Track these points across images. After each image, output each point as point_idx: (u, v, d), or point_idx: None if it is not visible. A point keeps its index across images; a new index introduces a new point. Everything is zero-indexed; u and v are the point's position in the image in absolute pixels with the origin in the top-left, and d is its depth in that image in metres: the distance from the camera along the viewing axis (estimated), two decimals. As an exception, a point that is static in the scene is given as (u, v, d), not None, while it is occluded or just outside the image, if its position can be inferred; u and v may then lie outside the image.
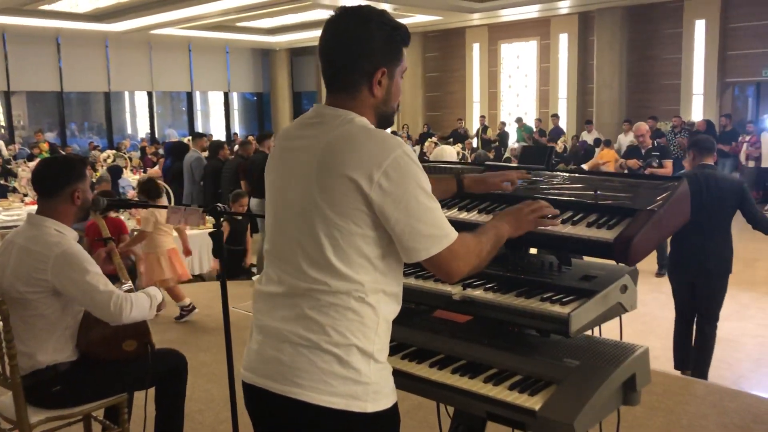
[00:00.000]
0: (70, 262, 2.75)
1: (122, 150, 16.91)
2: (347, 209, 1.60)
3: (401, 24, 1.73)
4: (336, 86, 1.73)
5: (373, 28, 1.67)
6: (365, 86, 1.70)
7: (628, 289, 2.06)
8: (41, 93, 19.46)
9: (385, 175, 1.57)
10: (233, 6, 14.69)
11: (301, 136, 1.73)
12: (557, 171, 2.42)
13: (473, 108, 19.00)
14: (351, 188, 1.58)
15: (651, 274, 7.97)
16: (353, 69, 1.69)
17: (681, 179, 2.11)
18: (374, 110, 1.73)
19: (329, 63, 1.72)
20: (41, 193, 2.91)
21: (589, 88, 16.70)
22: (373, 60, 1.68)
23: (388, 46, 1.70)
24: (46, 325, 2.82)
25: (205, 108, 23.84)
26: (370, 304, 1.64)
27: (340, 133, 1.64)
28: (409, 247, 1.62)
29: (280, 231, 1.73)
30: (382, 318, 1.68)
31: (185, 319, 5.70)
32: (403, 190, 1.58)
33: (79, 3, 14.78)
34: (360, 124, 1.67)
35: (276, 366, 1.66)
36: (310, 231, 1.64)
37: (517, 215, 1.91)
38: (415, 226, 1.60)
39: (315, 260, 1.63)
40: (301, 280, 1.65)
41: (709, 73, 14.97)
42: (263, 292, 1.75)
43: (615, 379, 1.90)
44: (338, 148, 1.62)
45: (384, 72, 1.70)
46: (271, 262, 1.75)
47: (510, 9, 15.77)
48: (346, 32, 1.68)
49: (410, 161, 1.61)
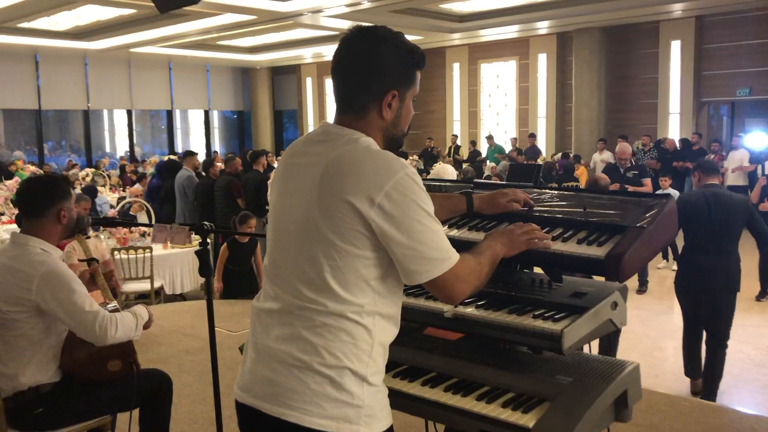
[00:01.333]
0: (55, 282, 2.71)
1: (101, 168, 16.76)
2: (346, 230, 1.58)
3: (416, 47, 1.71)
4: (345, 106, 1.71)
5: (387, 49, 1.66)
6: (375, 108, 1.69)
7: (618, 306, 2.07)
8: (18, 111, 19.25)
9: (387, 197, 1.56)
10: (214, 25, 14.69)
11: (306, 152, 1.72)
12: (546, 188, 2.44)
13: (453, 127, 19.12)
14: (350, 211, 1.57)
15: (632, 291, 8.04)
16: (363, 90, 1.68)
17: (669, 196, 2.14)
18: (382, 132, 1.72)
19: (340, 82, 1.71)
20: (26, 212, 2.87)
21: (568, 107, 16.89)
22: (384, 82, 1.67)
23: (401, 69, 1.69)
24: (29, 345, 2.77)
25: (185, 126, 23.72)
26: (365, 326, 1.63)
27: (342, 152, 1.63)
28: (411, 269, 1.61)
29: (279, 248, 1.71)
30: (377, 341, 1.66)
31: None
32: (405, 212, 1.57)
33: (58, 21, 14.68)
34: (364, 145, 1.65)
35: (268, 386, 1.64)
36: (308, 250, 1.62)
37: (511, 236, 1.91)
38: (417, 248, 1.59)
39: (311, 280, 1.62)
40: (297, 298, 1.64)
41: (685, 93, 15.23)
42: (260, 309, 1.74)
43: (607, 396, 1.90)
44: (339, 169, 1.60)
45: (395, 95, 1.69)
46: (269, 279, 1.74)
47: (490, 29, 15.95)
48: (358, 52, 1.67)
49: (413, 183, 1.60)
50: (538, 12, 14.23)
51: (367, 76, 1.67)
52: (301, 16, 13.62)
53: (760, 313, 7.48)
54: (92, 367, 2.87)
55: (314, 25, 15.05)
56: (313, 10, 13.25)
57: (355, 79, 1.69)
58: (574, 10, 13.74)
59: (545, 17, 14.68)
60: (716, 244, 4.78)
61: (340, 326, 1.61)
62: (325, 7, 13.03)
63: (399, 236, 1.57)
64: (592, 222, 2.12)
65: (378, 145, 1.70)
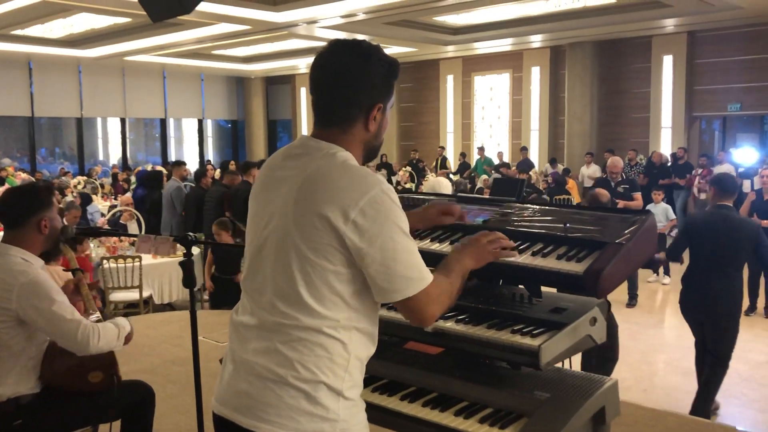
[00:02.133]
0: (36, 291, 2.70)
1: (93, 176, 16.73)
2: (320, 245, 1.58)
3: (394, 59, 1.73)
4: (329, 119, 1.70)
5: (374, 63, 1.67)
6: (361, 121, 1.69)
7: (597, 321, 2.08)
8: (11, 117, 19.20)
9: (361, 213, 1.55)
10: (209, 34, 14.72)
11: (284, 166, 1.72)
12: (527, 204, 2.45)
13: (447, 138, 19.17)
14: (325, 225, 1.57)
15: (621, 305, 8.05)
16: (351, 103, 1.68)
17: (649, 213, 2.15)
18: (364, 144, 1.72)
19: (325, 95, 1.70)
20: (6, 223, 2.85)
21: (561, 120, 16.97)
22: (372, 95, 1.68)
23: (385, 81, 1.70)
24: (9, 356, 2.75)
25: (178, 135, 23.70)
26: (341, 340, 1.62)
27: (318, 166, 1.63)
28: (384, 287, 1.59)
29: (255, 262, 1.71)
30: (354, 356, 1.65)
31: None
32: (379, 229, 1.56)
33: (52, 28, 14.68)
34: (341, 160, 1.64)
35: (244, 399, 1.64)
36: (283, 264, 1.62)
37: (477, 246, 1.87)
38: (391, 266, 1.57)
39: (286, 294, 1.62)
40: (272, 313, 1.63)
41: (677, 107, 15.32)
42: (238, 322, 1.74)
43: (585, 412, 1.90)
44: (315, 184, 1.60)
45: (380, 108, 1.70)
46: (247, 292, 1.73)
47: (483, 42, 16.04)
48: (347, 66, 1.67)
49: (389, 200, 1.59)
50: (532, 25, 14.32)
51: (356, 89, 1.67)
52: (296, 26, 13.66)
53: (748, 328, 7.48)
54: (73, 379, 2.85)
55: (309, 36, 15.09)
56: (308, 21, 13.29)
57: (343, 93, 1.67)
58: (567, 24, 13.84)
59: (539, 31, 14.77)
60: (721, 268, 4.71)
61: (316, 341, 1.60)
62: (320, 18, 13.08)
63: (372, 253, 1.56)
64: (572, 237, 2.13)
65: (357, 157, 1.70)
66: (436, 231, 2.38)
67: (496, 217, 2.35)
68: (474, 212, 2.42)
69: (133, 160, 21.60)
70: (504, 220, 2.32)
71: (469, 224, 2.35)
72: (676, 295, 8.96)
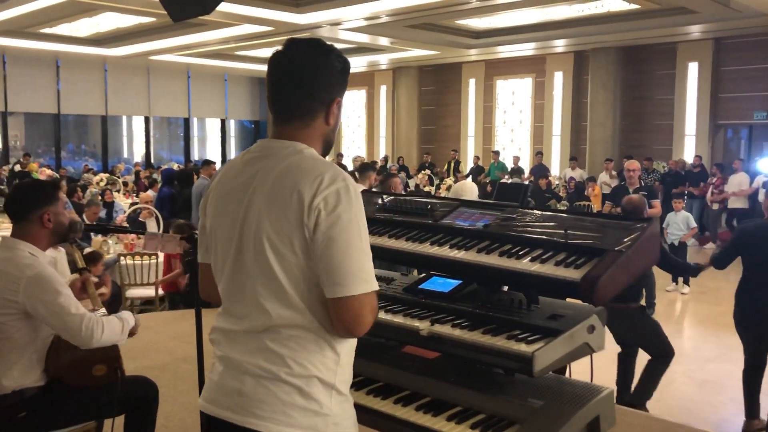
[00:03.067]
0: (42, 284, 2.74)
1: (116, 173, 16.93)
2: (291, 238, 1.59)
3: (346, 58, 1.78)
4: (292, 116, 1.73)
5: (332, 60, 1.72)
6: (322, 115, 1.73)
7: (595, 330, 2.06)
8: (39, 114, 19.52)
9: (324, 200, 1.57)
10: (232, 35, 14.83)
11: (245, 171, 1.72)
12: (530, 209, 2.43)
13: (467, 142, 19.11)
14: (296, 213, 1.58)
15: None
16: (314, 98, 1.72)
17: (650, 221, 2.12)
18: (323, 138, 1.76)
19: (285, 92, 1.73)
20: (13, 217, 2.91)
21: (583, 126, 16.83)
22: (331, 90, 1.73)
23: (342, 77, 1.76)
24: (14, 348, 2.78)
25: (202, 134, 23.92)
26: (331, 334, 1.63)
27: (290, 162, 1.65)
28: (332, 280, 1.57)
29: (234, 267, 1.70)
30: (344, 350, 1.67)
31: None
32: (337, 219, 1.57)
33: (79, 27, 14.89)
34: (309, 155, 1.68)
35: (236, 397, 1.65)
36: (264, 264, 1.62)
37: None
38: (341, 261, 1.56)
39: (272, 293, 1.62)
40: (259, 313, 1.64)
41: (701, 115, 15.12)
42: (222, 326, 1.74)
43: (577, 421, 1.88)
44: (289, 175, 1.62)
45: (338, 102, 1.75)
46: (228, 297, 1.73)
47: (506, 46, 15.95)
48: (307, 63, 1.71)
49: (353, 196, 1.60)
50: (555, 30, 14.23)
51: (317, 85, 1.71)
52: (319, 28, 13.70)
53: None
54: (77, 372, 2.88)
55: (332, 38, 15.13)
56: (332, 23, 13.34)
57: (305, 87, 1.71)
58: (591, 29, 13.73)
59: (562, 36, 14.67)
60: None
61: (306, 337, 1.62)
62: (343, 20, 13.12)
63: (326, 241, 1.56)
64: (571, 244, 2.11)
65: (318, 151, 1.74)
66: (413, 230, 2.38)
67: (497, 222, 2.33)
68: (475, 217, 2.40)
69: (156, 158, 21.82)
70: (504, 225, 2.30)
71: (470, 228, 2.33)
72: (695, 305, 8.84)
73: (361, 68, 19.98)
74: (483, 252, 2.17)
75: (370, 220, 2.56)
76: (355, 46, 16.43)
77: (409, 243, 2.35)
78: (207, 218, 1.80)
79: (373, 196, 2.77)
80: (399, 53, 17.44)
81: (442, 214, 2.47)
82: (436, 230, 2.38)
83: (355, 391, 2.14)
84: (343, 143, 22.15)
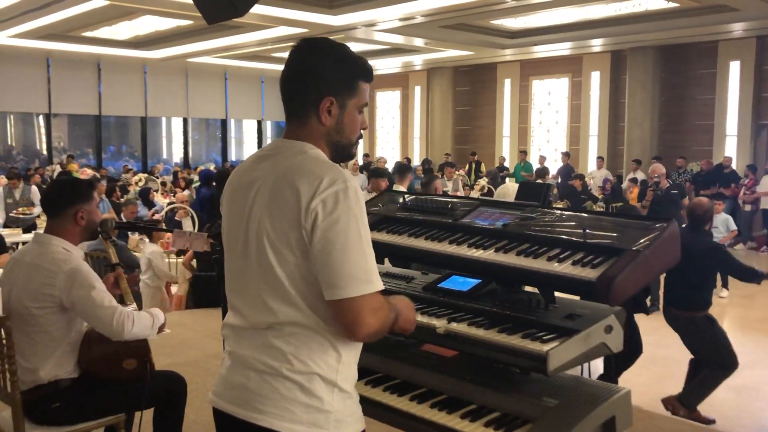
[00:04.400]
0: (78, 278, 2.84)
1: (155, 174, 17.25)
2: (289, 239, 1.61)
3: (360, 59, 1.76)
4: (290, 114, 1.77)
5: (326, 58, 1.72)
6: (313, 114, 1.73)
7: (613, 330, 2.04)
8: (81, 116, 19.99)
9: (322, 202, 1.58)
10: (268, 37, 14.98)
11: (255, 168, 1.76)
12: (550, 209, 2.42)
13: (503, 143, 18.98)
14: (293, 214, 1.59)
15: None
16: (303, 97, 1.73)
17: (670, 221, 2.10)
18: (326, 139, 1.75)
19: (282, 92, 1.77)
20: (47, 212, 3.03)
21: (620, 126, 16.59)
22: (320, 88, 1.71)
23: (340, 76, 1.73)
24: (50, 340, 2.88)
25: (239, 135, 24.21)
26: (331, 333, 1.65)
27: (292, 163, 1.67)
28: (329, 282, 1.58)
29: (239, 265, 1.73)
30: (347, 348, 1.68)
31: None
32: (335, 221, 1.57)
33: (119, 30, 15.21)
34: (312, 155, 1.70)
35: (241, 392, 1.68)
36: (266, 263, 1.65)
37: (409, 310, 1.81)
38: (339, 260, 1.56)
39: (274, 292, 1.65)
40: (263, 311, 1.67)
41: (743, 115, 14.77)
42: (231, 323, 1.77)
43: (592, 420, 1.87)
44: (288, 175, 1.64)
45: (332, 101, 1.72)
46: (234, 294, 1.76)
47: (542, 46, 15.80)
48: (298, 62, 1.74)
49: (353, 198, 1.60)
50: (592, 29, 14.05)
51: (304, 83, 1.72)
52: (354, 29, 13.77)
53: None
54: (107, 365, 2.96)
55: (367, 40, 15.19)
56: (366, 24, 13.39)
57: (295, 87, 1.74)
58: (628, 28, 13.52)
59: (599, 35, 14.48)
60: None
61: (308, 335, 1.64)
62: (378, 21, 13.15)
63: (323, 243, 1.57)
64: (589, 243, 2.10)
65: (326, 155, 1.74)
66: (433, 229, 2.39)
67: (517, 221, 2.33)
68: (495, 216, 2.41)
69: (194, 159, 22.17)
70: (523, 224, 2.30)
71: (489, 228, 2.34)
72: (734, 310, 8.65)
73: (396, 69, 19.99)
74: (500, 251, 2.18)
75: (390, 219, 2.60)
76: (390, 47, 16.45)
77: (428, 242, 2.37)
78: (222, 219, 1.84)
79: (395, 196, 2.79)
80: (433, 54, 17.40)
81: (462, 213, 2.48)
82: (456, 229, 2.39)
83: (373, 387, 2.17)
84: (377, 144, 22.20)
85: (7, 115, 19.23)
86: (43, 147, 19.76)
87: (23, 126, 20.17)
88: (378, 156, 19.54)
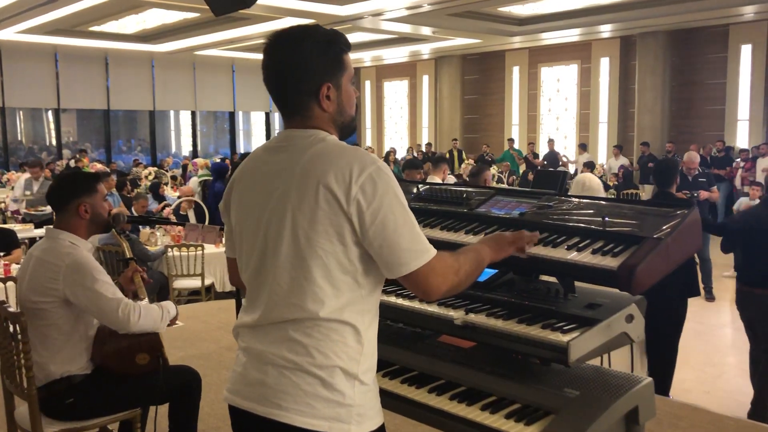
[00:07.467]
0: (80, 271, 2.83)
1: (165, 167, 17.28)
2: (327, 227, 1.59)
3: (335, 33, 1.72)
4: (288, 110, 1.74)
5: (307, 47, 1.67)
6: (314, 104, 1.70)
7: (634, 319, 2.01)
8: (90, 111, 20.05)
9: (362, 189, 1.57)
10: (275, 28, 14.90)
11: (271, 161, 1.72)
12: (567, 197, 2.38)
13: (512, 130, 18.90)
14: (330, 201, 1.58)
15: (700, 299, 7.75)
16: (298, 91, 1.70)
17: (692, 207, 2.06)
18: (332, 123, 1.74)
19: (273, 90, 1.73)
20: (52, 206, 3.03)
21: (630, 112, 16.47)
22: (314, 78, 1.68)
23: (326, 60, 1.69)
24: (60, 335, 2.88)
25: (247, 127, 24.22)
26: (353, 324, 1.63)
27: (315, 151, 1.65)
28: (389, 261, 1.60)
29: (260, 259, 1.70)
30: (367, 338, 1.66)
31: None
32: (379, 204, 1.58)
33: (126, 24, 15.21)
34: (333, 142, 1.68)
35: (260, 388, 1.64)
36: (292, 255, 1.62)
37: (499, 240, 1.91)
38: (394, 240, 1.59)
39: (297, 284, 1.62)
40: (284, 304, 1.64)
41: (755, 99, 14.64)
42: (246, 317, 1.74)
43: (615, 411, 1.84)
44: (315, 165, 1.62)
45: (329, 86, 1.70)
46: (254, 288, 1.73)
47: (550, 33, 15.69)
48: (282, 58, 1.69)
49: (386, 176, 1.61)
50: (601, 15, 13.92)
51: (295, 78, 1.68)
52: (361, 19, 13.70)
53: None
54: (121, 360, 2.96)
55: (374, 29, 15.12)
56: (373, 14, 13.32)
57: (286, 85, 1.70)
58: (638, 13, 13.39)
59: (608, 20, 14.35)
60: None
61: (329, 326, 1.61)
62: (385, 10, 13.08)
63: (375, 228, 1.58)
64: (609, 232, 2.06)
65: (336, 137, 1.72)
66: (448, 219, 2.36)
67: (533, 210, 2.29)
68: (511, 205, 2.37)
69: (203, 152, 22.19)
70: (541, 212, 2.27)
71: (505, 217, 2.31)
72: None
73: (403, 58, 19.92)
74: (518, 240, 2.13)
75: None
76: (397, 36, 16.37)
77: (443, 232, 2.34)
78: (231, 212, 1.80)
79: (410, 186, 2.76)
80: (441, 42, 17.30)
81: (477, 202, 2.44)
82: (471, 219, 2.36)
83: (390, 379, 2.15)
84: (385, 134, 22.15)
85: (16, 110, 19.29)
86: (53, 142, 19.83)
87: (32, 121, 20.25)
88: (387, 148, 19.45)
